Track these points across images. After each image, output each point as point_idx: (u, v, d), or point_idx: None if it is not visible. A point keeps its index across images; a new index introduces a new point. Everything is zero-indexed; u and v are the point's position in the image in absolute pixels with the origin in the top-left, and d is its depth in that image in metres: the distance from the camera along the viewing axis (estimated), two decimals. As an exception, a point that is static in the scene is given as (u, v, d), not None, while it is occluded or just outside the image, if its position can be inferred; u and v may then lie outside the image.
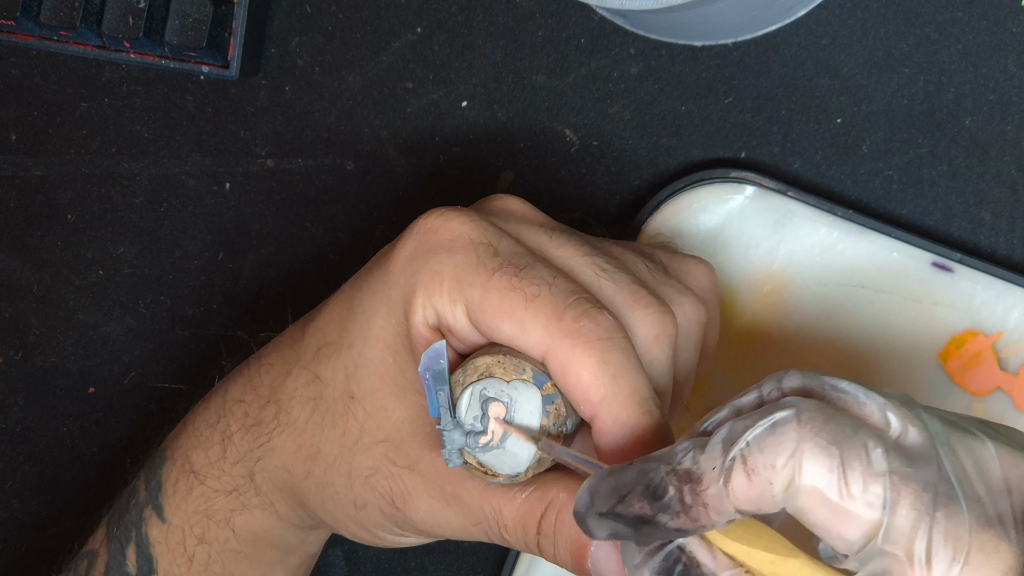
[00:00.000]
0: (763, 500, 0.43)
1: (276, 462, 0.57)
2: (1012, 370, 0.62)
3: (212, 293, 0.70)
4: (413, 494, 0.53)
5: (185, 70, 0.69)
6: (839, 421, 0.43)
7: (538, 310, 0.51)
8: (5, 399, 0.71)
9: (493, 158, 0.67)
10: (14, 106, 0.71)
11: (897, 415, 0.44)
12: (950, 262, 0.62)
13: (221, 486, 0.58)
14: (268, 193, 0.70)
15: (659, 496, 0.43)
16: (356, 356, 0.55)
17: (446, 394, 0.51)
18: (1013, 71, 0.63)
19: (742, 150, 0.66)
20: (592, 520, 0.45)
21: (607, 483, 0.45)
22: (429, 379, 0.51)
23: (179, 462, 0.60)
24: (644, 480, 0.44)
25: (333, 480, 0.55)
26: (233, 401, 0.59)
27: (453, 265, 0.52)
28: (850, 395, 0.44)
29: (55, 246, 0.71)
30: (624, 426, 0.49)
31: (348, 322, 0.56)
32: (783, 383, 0.45)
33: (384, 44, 0.68)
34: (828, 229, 0.63)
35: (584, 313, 0.51)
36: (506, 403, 0.51)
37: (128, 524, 0.60)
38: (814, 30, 0.65)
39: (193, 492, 0.59)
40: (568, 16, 0.67)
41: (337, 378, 0.55)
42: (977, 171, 0.64)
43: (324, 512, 0.57)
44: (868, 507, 0.42)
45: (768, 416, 0.43)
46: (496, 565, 0.67)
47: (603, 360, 0.50)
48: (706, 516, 0.43)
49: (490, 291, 0.51)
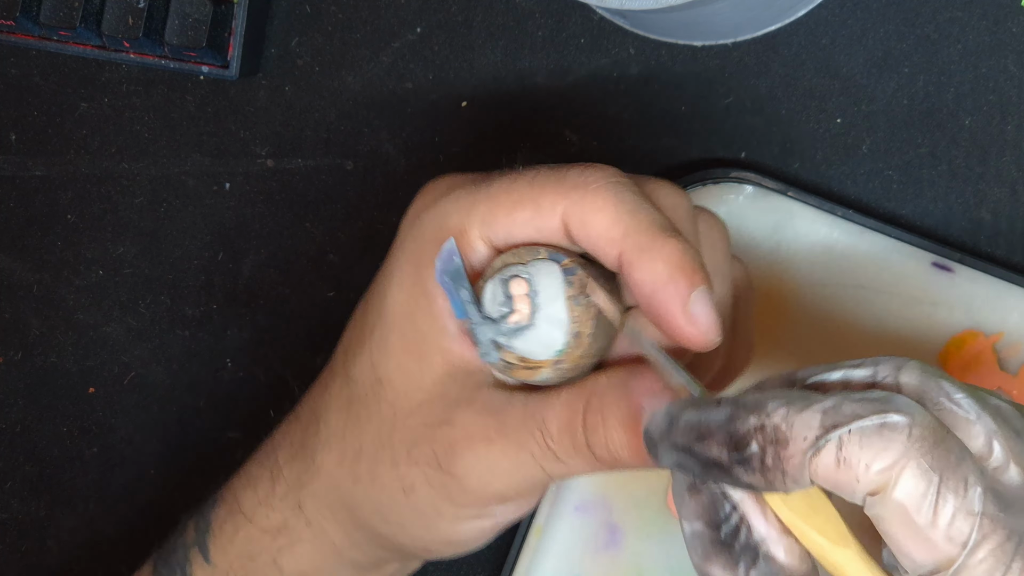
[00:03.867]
0: (842, 488, 0.41)
1: (323, 482, 0.55)
2: (1012, 371, 0.62)
3: (212, 293, 0.70)
4: (456, 446, 0.51)
5: (185, 70, 0.69)
6: (947, 447, 0.41)
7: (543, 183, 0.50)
8: (5, 399, 0.72)
9: (493, 158, 0.67)
10: (14, 106, 0.71)
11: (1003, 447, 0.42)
12: (950, 262, 0.62)
13: (269, 524, 0.57)
14: (268, 193, 0.70)
15: (741, 448, 0.42)
16: (377, 339, 0.54)
17: (468, 290, 0.49)
18: (1013, 71, 0.63)
19: (742, 150, 0.66)
20: (664, 447, 0.44)
21: (690, 416, 0.43)
22: (448, 281, 0.50)
23: (228, 502, 0.59)
24: (730, 426, 0.42)
25: (380, 473, 0.53)
26: (280, 436, 0.58)
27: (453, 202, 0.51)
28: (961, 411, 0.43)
29: (55, 246, 0.71)
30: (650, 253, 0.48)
31: (366, 315, 0.55)
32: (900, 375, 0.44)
33: (384, 44, 0.68)
34: (828, 229, 0.63)
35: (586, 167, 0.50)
36: (527, 278, 0.49)
37: (174, 564, 0.60)
38: (814, 30, 0.65)
39: (239, 533, 0.58)
40: (568, 16, 0.67)
41: (365, 370, 0.54)
42: (977, 171, 0.64)
43: (378, 518, 0.54)
44: (949, 541, 0.41)
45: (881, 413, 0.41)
46: (496, 565, 0.67)
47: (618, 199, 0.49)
48: (781, 481, 0.42)
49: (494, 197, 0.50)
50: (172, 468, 0.70)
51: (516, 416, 0.51)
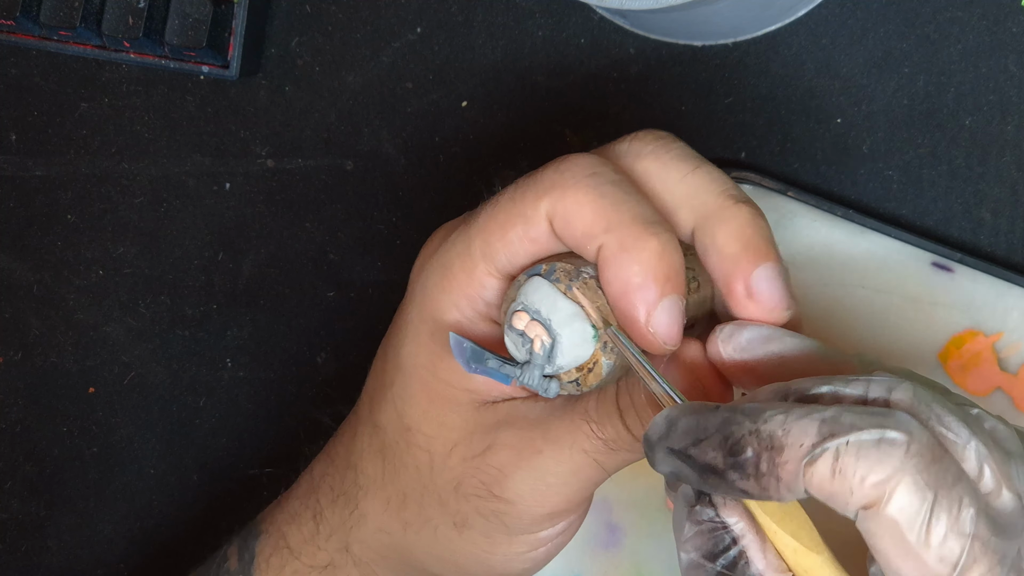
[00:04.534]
0: (836, 500, 0.41)
1: (370, 527, 0.56)
2: (1012, 370, 0.62)
3: (212, 293, 0.70)
4: (505, 468, 0.51)
5: (185, 70, 0.69)
6: (944, 466, 0.41)
7: (523, 192, 0.50)
8: (5, 399, 0.71)
9: (493, 158, 0.67)
10: (14, 106, 0.71)
11: (994, 472, 0.42)
12: (950, 262, 0.62)
13: (316, 562, 0.57)
14: (268, 193, 0.70)
15: (736, 452, 0.42)
16: (399, 390, 0.54)
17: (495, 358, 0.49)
18: (1013, 71, 0.63)
19: (742, 150, 0.66)
20: (661, 452, 0.44)
21: (687, 421, 0.43)
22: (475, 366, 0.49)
23: (274, 536, 0.59)
24: (726, 430, 0.42)
25: (430, 517, 0.54)
26: (319, 476, 0.58)
27: (451, 246, 0.52)
28: (952, 435, 0.43)
29: (55, 246, 0.71)
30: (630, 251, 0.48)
31: (385, 364, 0.55)
32: (893, 394, 0.43)
33: (384, 44, 0.68)
34: (828, 229, 0.63)
35: (561, 161, 0.50)
36: (522, 307, 0.49)
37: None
38: (814, 30, 0.65)
39: (286, 568, 0.58)
40: (568, 16, 0.67)
41: (391, 420, 0.54)
42: (977, 171, 0.64)
43: (432, 559, 0.55)
44: (939, 561, 0.41)
45: (880, 427, 0.41)
46: (496, 565, 0.67)
47: (599, 194, 0.48)
48: (775, 488, 0.42)
49: (484, 226, 0.51)
50: (172, 468, 0.70)
51: (560, 420, 0.51)
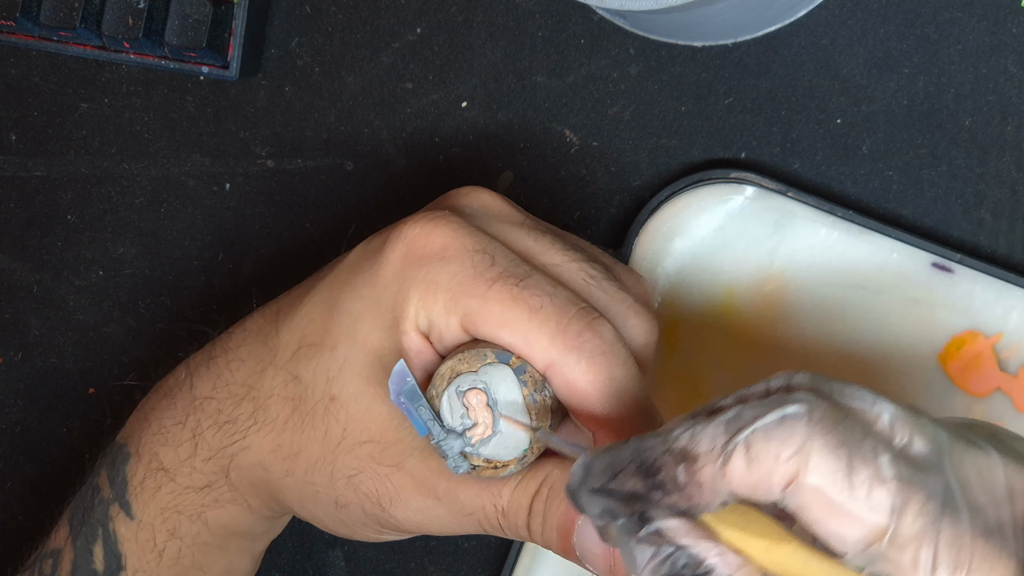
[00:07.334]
0: (759, 489, 0.42)
1: (252, 459, 0.57)
2: (1012, 371, 0.62)
3: (212, 293, 0.70)
4: (401, 493, 0.54)
5: (185, 70, 0.69)
6: (849, 425, 0.42)
7: (542, 323, 0.51)
8: (5, 399, 0.72)
9: (493, 158, 0.67)
10: (14, 106, 0.71)
11: (904, 424, 0.44)
12: (950, 263, 0.62)
13: (192, 483, 0.59)
14: (268, 193, 0.70)
15: (653, 473, 0.43)
16: (340, 359, 0.55)
17: (427, 408, 0.51)
18: (1013, 71, 0.63)
19: (742, 150, 0.66)
20: (585, 496, 0.45)
21: (602, 460, 0.45)
22: (404, 402, 0.51)
23: (145, 459, 0.60)
24: (639, 457, 0.44)
25: (315, 480, 0.56)
26: (203, 398, 0.59)
27: (449, 275, 0.52)
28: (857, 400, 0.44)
29: (55, 246, 0.71)
30: None
31: (331, 323, 0.56)
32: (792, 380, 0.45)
33: (384, 44, 0.68)
34: (828, 229, 0.63)
35: (587, 326, 0.51)
36: (483, 387, 0.51)
37: (93, 522, 0.61)
38: (814, 30, 0.65)
39: (162, 489, 0.59)
40: (568, 16, 0.67)
41: (318, 380, 0.55)
42: (977, 172, 0.64)
43: (301, 508, 0.57)
44: (872, 511, 0.42)
45: (779, 408, 0.43)
46: (496, 565, 0.67)
47: (609, 377, 0.51)
48: (700, 495, 0.43)
49: (490, 302, 0.52)
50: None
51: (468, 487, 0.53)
